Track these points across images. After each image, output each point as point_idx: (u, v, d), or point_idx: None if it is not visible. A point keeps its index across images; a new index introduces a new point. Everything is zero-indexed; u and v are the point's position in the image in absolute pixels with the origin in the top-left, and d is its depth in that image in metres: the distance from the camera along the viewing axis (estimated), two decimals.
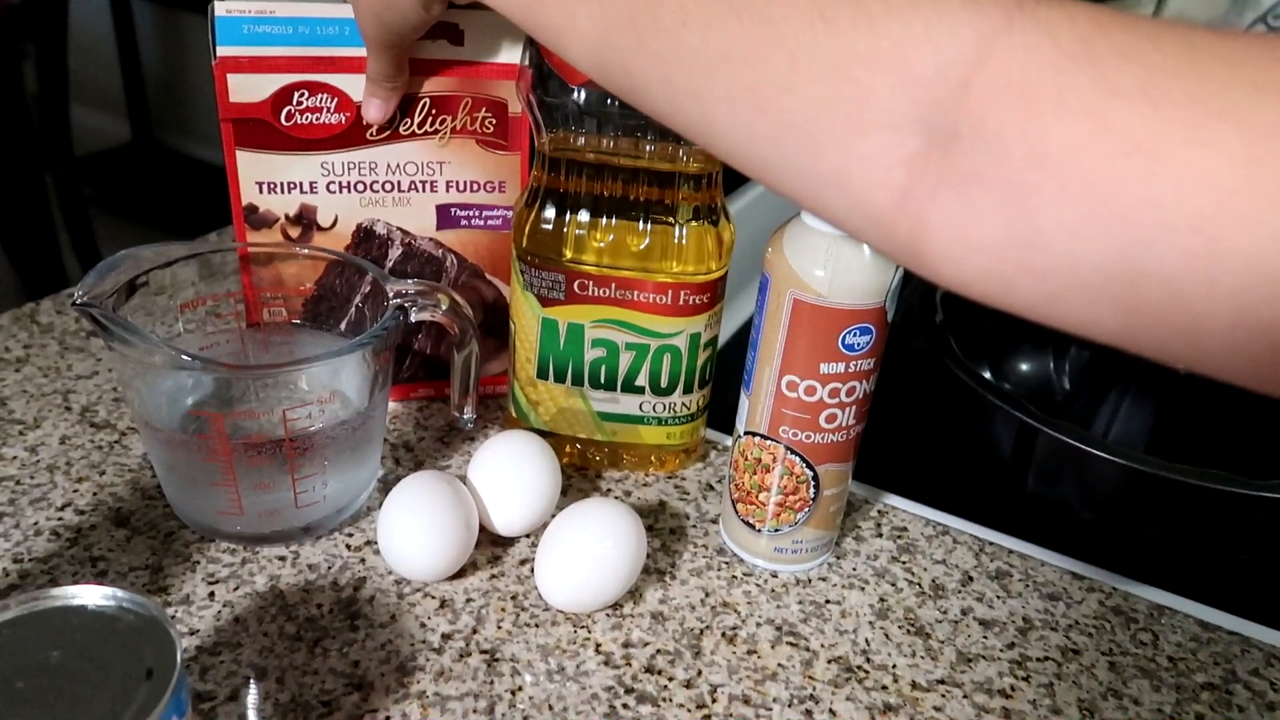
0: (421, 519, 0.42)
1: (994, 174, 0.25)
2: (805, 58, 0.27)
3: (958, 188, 0.26)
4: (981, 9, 0.25)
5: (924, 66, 0.26)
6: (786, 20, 0.28)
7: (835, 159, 0.28)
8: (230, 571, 0.44)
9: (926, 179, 0.26)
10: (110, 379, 0.56)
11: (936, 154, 0.26)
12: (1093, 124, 0.23)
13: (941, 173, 0.26)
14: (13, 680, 0.28)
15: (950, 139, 0.25)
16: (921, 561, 0.48)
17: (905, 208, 0.27)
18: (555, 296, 0.48)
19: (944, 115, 0.25)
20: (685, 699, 0.40)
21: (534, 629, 0.42)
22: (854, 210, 0.28)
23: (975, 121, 0.25)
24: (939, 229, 0.26)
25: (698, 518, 0.50)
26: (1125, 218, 0.23)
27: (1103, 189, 0.23)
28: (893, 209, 0.27)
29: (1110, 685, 0.42)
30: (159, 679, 0.28)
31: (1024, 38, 0.24)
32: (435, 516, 0.42)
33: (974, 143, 0.25)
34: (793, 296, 0.40)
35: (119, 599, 0.31)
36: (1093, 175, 0.23)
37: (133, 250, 0.44)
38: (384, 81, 0.46)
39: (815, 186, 0.29)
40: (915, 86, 0.26)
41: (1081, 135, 0.23)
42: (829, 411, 0.42)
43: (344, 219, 0.51)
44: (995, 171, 0.25)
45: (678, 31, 0.30)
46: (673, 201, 0.46)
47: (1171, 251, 0.23)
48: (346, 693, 0.39)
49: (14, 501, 0.46)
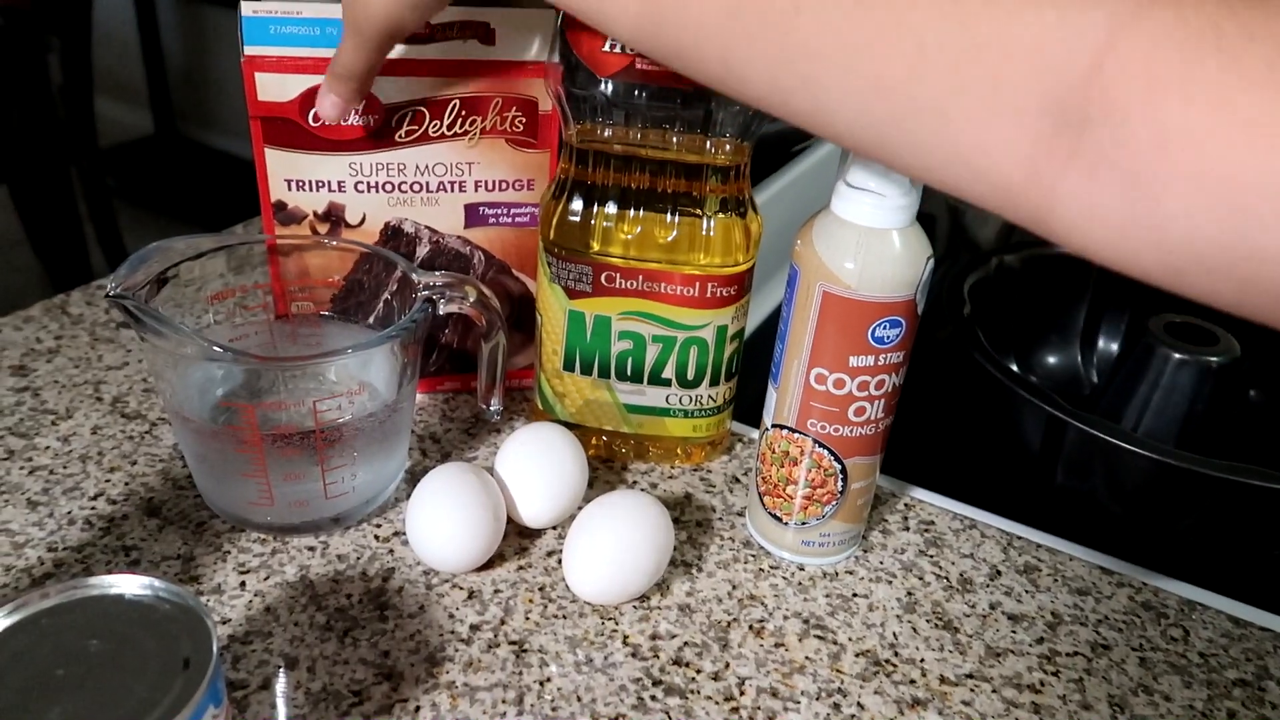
0: (450, 510, 0.43)
1: (1121, 157, 0.25)
2: (935, 46, 0.28)
3: (1087, 169, 0.26)
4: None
5: (1057, 54, 0.26)
6: (913, 8, 0.28)
7: (963, 141, 0.28)
8: (261, 561, 0.44)
9: (1056, 158, 0.27)
10: (141, 370, 0.57)
11: (1067, 135, 0.26)
12: (1218, 107, 0.23)
13: (1071, 153, 0.26)
14: (52, 668, 0.28)
15: (1081, 122, 0.26)
16: (949, 555, 0.48)
17: (1034, 182, 0.27)
18: (582, 288, 0.48)
19: (1075, 99, 0.26)
20: (713, 691, 0.40)
21: (562, 620, 0.42)
22: (980, 182, 0.29)
23: (1105, 105, 0.25)
24: (1066, 204, 0.27)
25: (724, 510, 0.50)
26: (1246, 200, 0.23)
27: (1225, 172, 0.24)
28: (1021, 183, 0.28)
29: (1141, 681, 0.42)
30: (195, 669, 0.29)
31: (1153, 21, 0.25)
32: (464, 508, 0.43)
33: (1103, 126, 0.25)
34: (822, 289, 0.40)
35: (156, 588, 0.31)
36: (1216, 158, 0.24)
37: (164, 242, 0.44)
38: (354, 79, 0.43)
39: (939, 163, 0.29)
40: (1047, 73, 0.26)
41: (1206, 119, 0.24)
42: (858, 404, 0.42)
43: (372, 217, 0.51)
44: (1122, 154, 0.25)
45: (791, 19, 0.30)
46: (700, 193, 0.46)
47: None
48: (376, 682, 0.39)
49: (48, 491, 0.47)
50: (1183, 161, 0.24)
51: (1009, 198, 0.28)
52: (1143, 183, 0.25)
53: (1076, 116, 0.26)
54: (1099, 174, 0.26)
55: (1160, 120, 0.24)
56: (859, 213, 0.39)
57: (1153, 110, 0.24)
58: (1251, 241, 0.24)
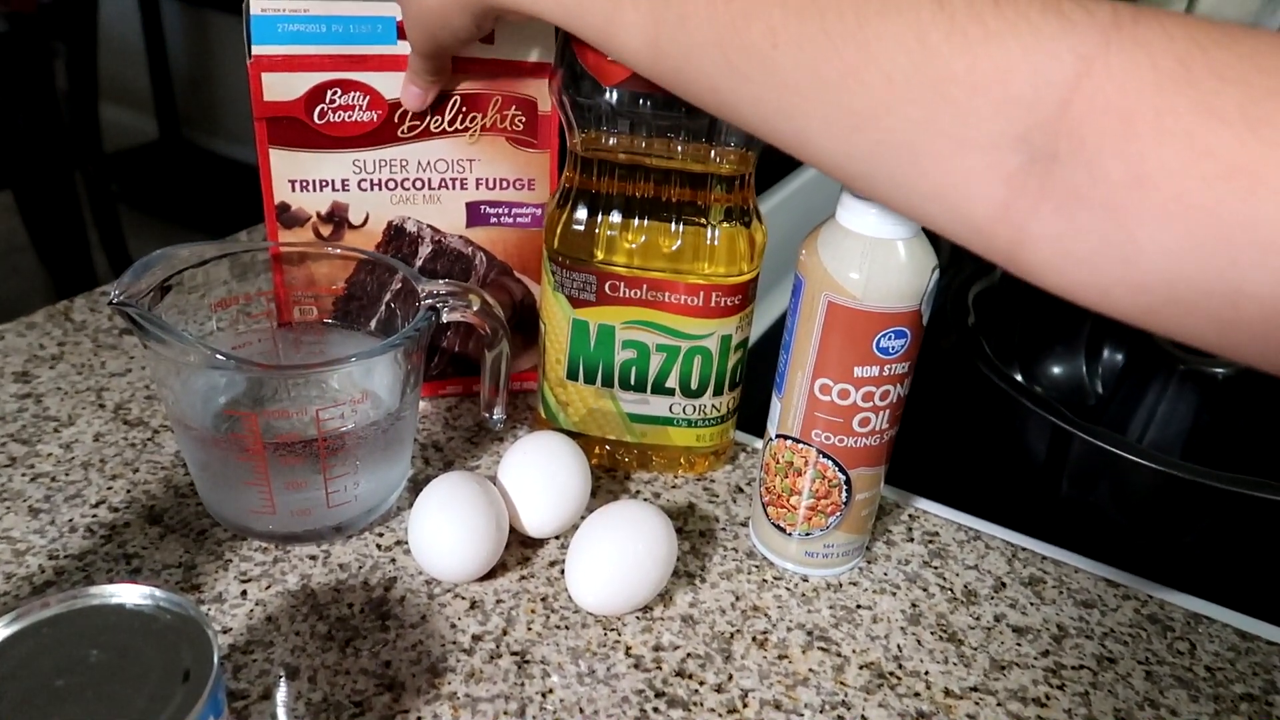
0: (453, 519, 0.42)
1: (1093, 193, 0.25)
2: (902, 80, 0.28)
3: (1058, 205, 0.26)
4: (1078, 30, 0.25)
5: (1022, 88, 0.26)
6: (880, 41, 0.28)
7: (935, 176, 0.28)
8: (262, 570, 0.44)
9: (1027, 195, 0.27)
10: (143, 376, 0.56)
11: (1037, 172, 0.26)
12: (1191, 147, 0.24)
13: (1042, 190, 0.26)
14: (53, 678, 0.28)
15: (1050, 158, 0.26)
16: (954, 567, 0.48)
17: (1006, 220, 0.27)
18: (586, 297, 0.48)
19: (1043, 135, 0.26)
20: (716, 703, 0.40)
21: (564, 631, 0.42)
22: (954, 220, 0.29)
23: (1074, 142, 0.25)
24: (1039, 241, 0.27)
25: (727, 520, 0.50)
26: (1223, 239, 0.23)
27: (1201, 211, 0.24)
28: (993, 221, 0.28)
29: (1147, 695, 0.42)
30: (196, 680, 0.29)
31: (1121, 59, 0.25)
32: (466, 517, 0.42)
33: (1073, 162, 0.25)
34: (827, 299, 0.40)
35: (157, 598, 0.31)
36: (1191, 198, 0.24)
37: (168, 249, 0.44)
38: (426, 76, 0.46)
39: (915, 199, 0.30)
40: (1014, 107, 0.26)
41: (1180, 158, 0.24)
42: (862, 415, 0.42)
43: (375, 216, 0.51)
44: (1094, 191, 0.25)
45: (768, 54, 0.30)
46: (705, 203, 0.46)
47: (1269, 273, 0.23)
48: (378, 693, 0.39)
49: (49, 498, 0.47)
50: (1159, 200, 0.24)
51: (982, 236, 0.28)
52: (1117, 220, 0.25)
53: (1046, 153, 0.26)
54: (1071, 211, 0.26)
55: (1134, 158, 0.24)
56: (864, 223, 0.39)
57: (1126, 148, 0.24)
58: (1229, 279, 0.24)
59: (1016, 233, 0.27)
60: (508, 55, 0.48)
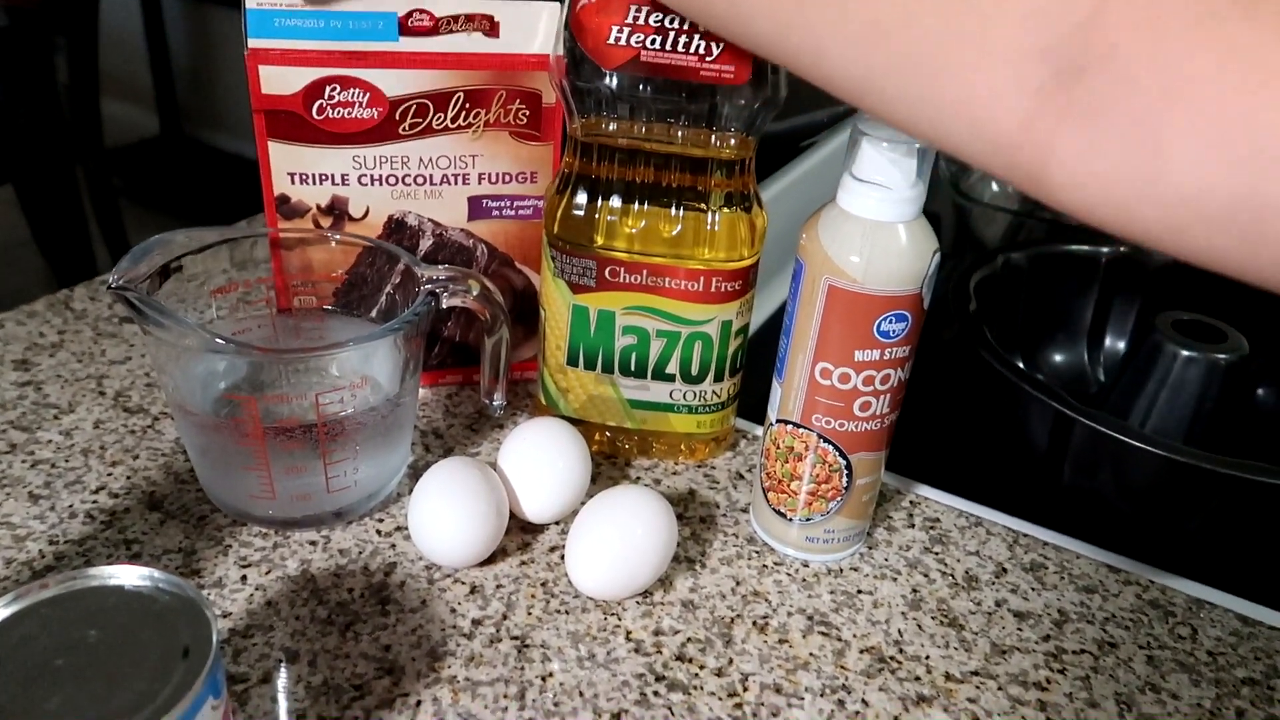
0: (452, 505, 0.42)
1: (1123, 104, 0.24)
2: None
3: (1084, 118, 0.25)
4: None
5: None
6: None
7: (958, 90, 0.27)
8: (262, 555, 0.44)
9: (1052, 108, 0.26)
10: (143, 364, 0.56)
11: (1063, 84, 0.25)
12: (1228, 53, 0.23)
13: (1068, 102, 0.25)
14: (52, 658, 0.28)
15: (1078, 70, 0.25)
16: (954, 553, 0.48)
17: (1029, 135, 0.26)
18: (586, 283, 0.48)
19: (1071, 46, 0.25)
20: (716, 687, 0.40)
21: (564, 616, 0.42)
22: (975, 137, 0.28)
23: (1105, 52, 0.24)
24: (1063, 157, 0.26)
25: (728, 506, 0.50)
26: (1257, 149, 0.23)
27: (1235, 119, 0.23)
28: (1016, 135, 0.27)
29: (1148, 679, 0.42)
30: (195, 660, 0.28)
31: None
32: (466, 502, 0.42)
33: (1103, 73, 0.25)
34: (828, 283, 0.40)
35: (155, 579, 0.31)
36: (1225, 105, 0.23)
37: (166, 235, 0.44)
38: None
39: (934, 115, 0.29)
40: (1044, 16, 0.25)
41: (1216, 64, 0.23)
42: (863, 399, 0.42)
43: (375, 210, 0.51)
44: (1124, 102, 0.24)
45: None
46: (705, 188, 0.46)
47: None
48: (378, 677, 0.39)
49: (49, 484, 0.47)
50: (1191, 108, 0.23)
51: (1004, 154, 0.27)
52: (1147, 131, 0.24)
53: (1074, 62, 0.25)
54: (1098, 122, 0.25)
55: (1167, 66, 0.24)
56: (865, 206, 0.39)
57: (1158, 55, 0.24)
58: (1260, 192, 0.23)
59: (1041, 149, 0.26)
60: (512, 49, 0.48)
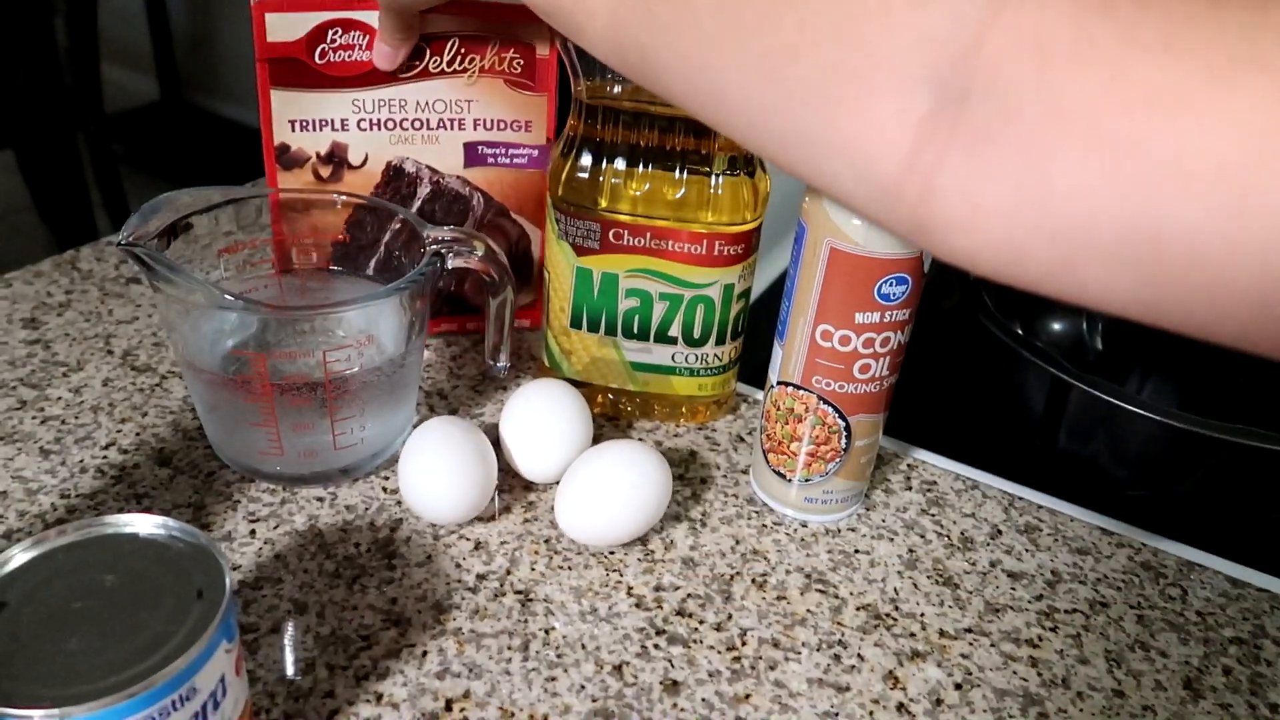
0: (436, 463, 0.43)
1: (1007, 131, 0.24)
2: (814, 20, 0.27)
3: (968, 148, 0.25)
4: None
5: (936, 24, 0.25)
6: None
7: (844, 126, 0.27)
8: (270, 511, 0.45)
9: (936, 141, 0.25)
10: (151, 324, 0.57)
11: (947, 115, 0.25)
12: (1111, 75, 0.22)
13: (951, 133, 0.25)
14: (70, 601, 0.29)
15: (961, 98, 0.25)
16: (951, 515, 0.49)
17: (913, 173, 0.26)
18: (590, 246, 0.48)
19: (955, 74, 0.25)
20: (715, 641, 0.40)
21: (567, 571, 0.43)
22: (861, 181, 0.28)
23: (988, 78, 0.24)
24: (947, 193, 0.26)
25: (728, 468, 0.50)
26: (1145, 171, 0.22)
27: (1122, 142, 0.22)
28: (899, 175, 0.26)
29: (1138, 638, 0.43)
30: (209, 603, 0.29)
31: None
32: (450, 459, 0.43)
33: (986, 100, 0.24)
34: (829, 245, 0.41)
35: (169, 527, 0.31)
36: (1111, 127, 0.22)
37: (170, 194, 0.45)
38: (395, 34, 0.48)
39: (824, 157, 0.28)
40: (926, 45, 0.25)
41: (1100, 87, 0.23)
42: (863, 362, 0.43)
43: (374, 157, 0.51)
44: (1008, 128, 0.24)
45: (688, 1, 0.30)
46: (709, 151, 0.46)
47: (1194, 206, 0.22)
48: (384, 627, 0.39)
49: (60, 440, 0.48)
50: (1076, 132, 0.23)
51: (888, 197, 0.27)
52: (1031, 157, 0.24)
53: (956, 92, 0.25)
54: (982, 155, 0.24)
55: (1051, 90, 0.23)
56: None
57: (1042, 81, 0.23)
58: (1152, 216, 0.22)
59: (924, 189, 0.26)
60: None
